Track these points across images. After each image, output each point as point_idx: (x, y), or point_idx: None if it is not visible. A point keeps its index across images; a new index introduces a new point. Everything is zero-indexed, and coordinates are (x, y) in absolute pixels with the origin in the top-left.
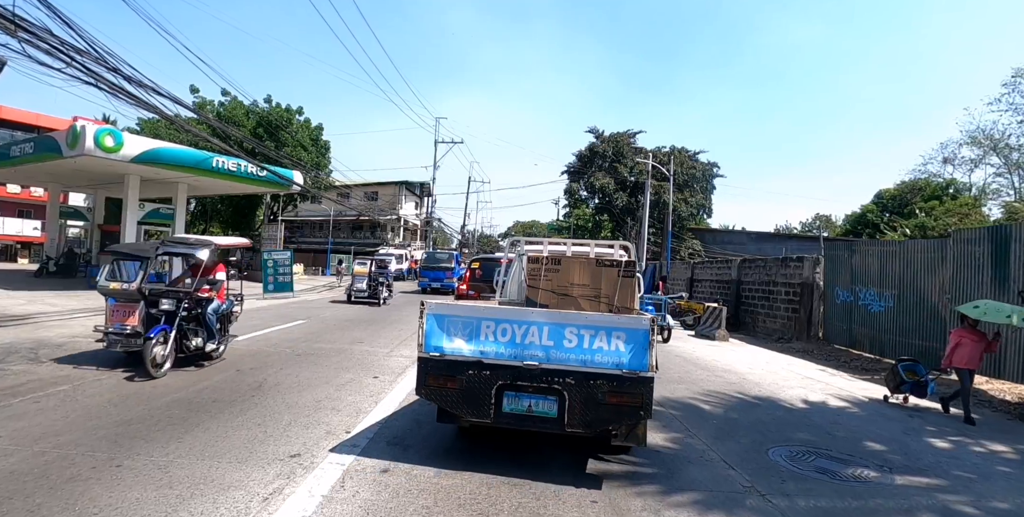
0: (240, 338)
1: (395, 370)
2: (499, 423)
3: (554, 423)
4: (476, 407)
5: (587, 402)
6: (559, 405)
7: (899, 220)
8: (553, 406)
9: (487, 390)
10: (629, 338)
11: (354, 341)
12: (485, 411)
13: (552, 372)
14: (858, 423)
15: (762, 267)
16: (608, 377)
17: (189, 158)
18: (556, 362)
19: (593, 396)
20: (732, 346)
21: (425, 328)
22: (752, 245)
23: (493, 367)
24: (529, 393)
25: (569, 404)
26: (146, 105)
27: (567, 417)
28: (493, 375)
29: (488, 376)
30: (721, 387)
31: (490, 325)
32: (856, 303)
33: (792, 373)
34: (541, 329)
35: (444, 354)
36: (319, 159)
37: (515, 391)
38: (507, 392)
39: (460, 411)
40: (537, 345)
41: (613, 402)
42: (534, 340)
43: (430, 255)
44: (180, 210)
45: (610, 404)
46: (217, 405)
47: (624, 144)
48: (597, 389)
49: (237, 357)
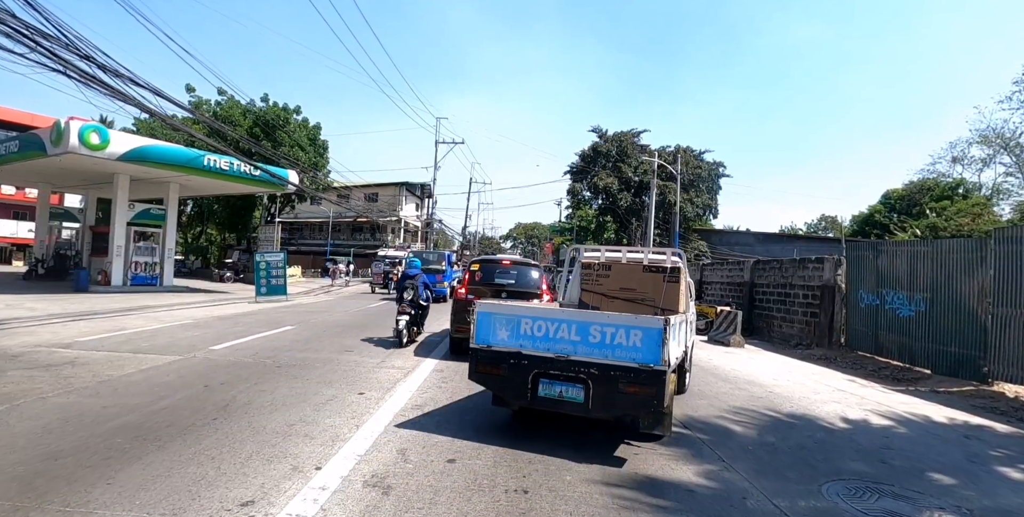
0: (218, 347)
1: (384, 384)
2: (535, 406)
3: (581, 408)
4: (516, 392)
5: (608, 390)
6: (585, 392)
7: (909, 221)
8: (580, 393)
9: (525, 377)
10: (645, 335)
11: (343, 350)
12: (523, 395)
13: (578, 363)
14: (912, 448)
15: (777, 269)
16: (626, 369)
17: (179, 156)
18: (582, 355)
19: (613, 385)
20: (749, 353)
21: (476, 324)
22: (759, 246)
23: (530, 357)
24: (560, 381)
25: (593, 392)
26: (123, 96)
27: (591, 403)
28: (530, 364)
29: (526, 365)
30: (748, 403)
31: (528, 322)
32: (882, 307)
33: (820, 385)
34: (570, 326)
35: (491, 346)
36: (317, 159)
37: (548, 379)
38: (542, 379)
39: (504, 394)
40: (566, 339)
41: (630, 391)
42: (564, 335)
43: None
44: (172, 211)
45: (628, 393)
46: (170, 431)
47: (628, 143)
48: (616, 379)
49: (209, 369)
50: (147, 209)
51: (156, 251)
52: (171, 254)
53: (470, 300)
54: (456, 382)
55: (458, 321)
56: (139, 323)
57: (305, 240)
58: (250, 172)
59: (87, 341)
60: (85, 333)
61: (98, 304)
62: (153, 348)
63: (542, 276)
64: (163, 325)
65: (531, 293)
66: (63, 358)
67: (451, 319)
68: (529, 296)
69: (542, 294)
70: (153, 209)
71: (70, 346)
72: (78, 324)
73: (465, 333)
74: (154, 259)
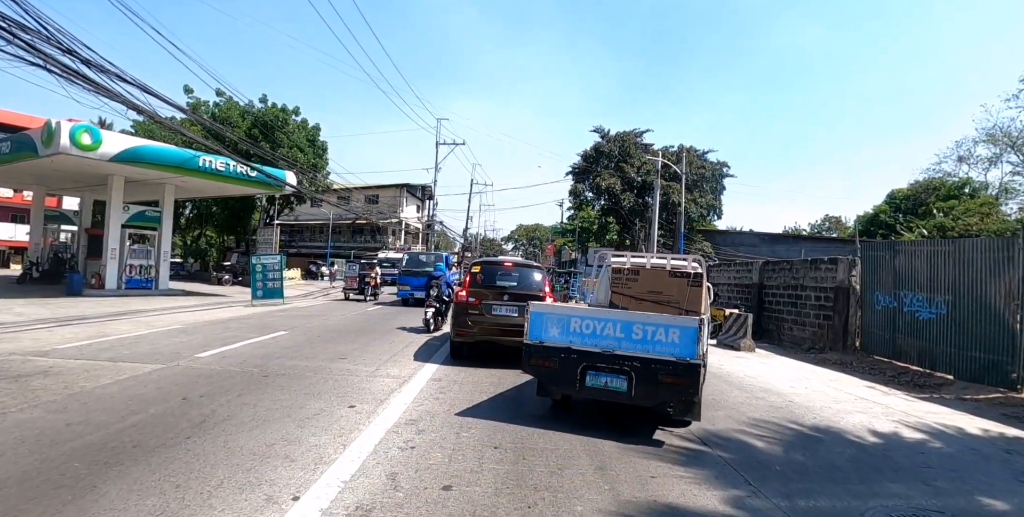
0: (204, 355)
1: (377, 396)
2: (583, 395)
3: (625, 396)
4: (566, 382)
5: (649, 381)
6: (628, 382)
7: (915, 221)
8: (623, 383)
9: (574, 369)
10: (682, 333)
11: (336, 357)
12: (572, 385)
13: (622, 357)
14: (952, 465)
15: (788, 270)
16: (665, 362)
17: (174, 157)
18: (626, 350)
19: (654, 376)
20: (761, 358)
21: (530, 323)
22: (764, 247)
23: (579, 352)
24: (605, 372)
25: (635, 382)
26: (109, 92)
27: (633, 392)
28: (579, 358)
29: (575, 359)
30: (768, 414)
31: (577, 321)
32: (900, 309)
33: (841, 392)
34: (615, 324)
35: (543, 341)
36: (316, 160)
37: (595, 370)
38: (589, 371)
39: (554, 384)
40: (611, 336)
41: (669, 382)
42: (609, 332)
43: (411, 257)
44: (168, 212)
45: (667, 383)
46: (136, 453)
47: (630, 143)
48: (656, 371)
49: (190, 379)
50: (142, 211)
51: (151, 254)
52: (167, 257)
53: (471, 302)
54: (454, 393)
55: (458, 324)
56: (126, 328)
57: (305, 242)
58: (247, 173)
59: (66, 348)
60: (68, 339)
61: (88, 308)
62: (134, 356)
63: (544, 278)
64: (150, 331)
65: (533, 295)
66: (36, 367)
67: (451, 322)
68: (531, 298)
69: (544, 296)
70: (148, 211)
71: (47, 354)
72: (63, 330)
73: (465, 336)
74: (149, 262)
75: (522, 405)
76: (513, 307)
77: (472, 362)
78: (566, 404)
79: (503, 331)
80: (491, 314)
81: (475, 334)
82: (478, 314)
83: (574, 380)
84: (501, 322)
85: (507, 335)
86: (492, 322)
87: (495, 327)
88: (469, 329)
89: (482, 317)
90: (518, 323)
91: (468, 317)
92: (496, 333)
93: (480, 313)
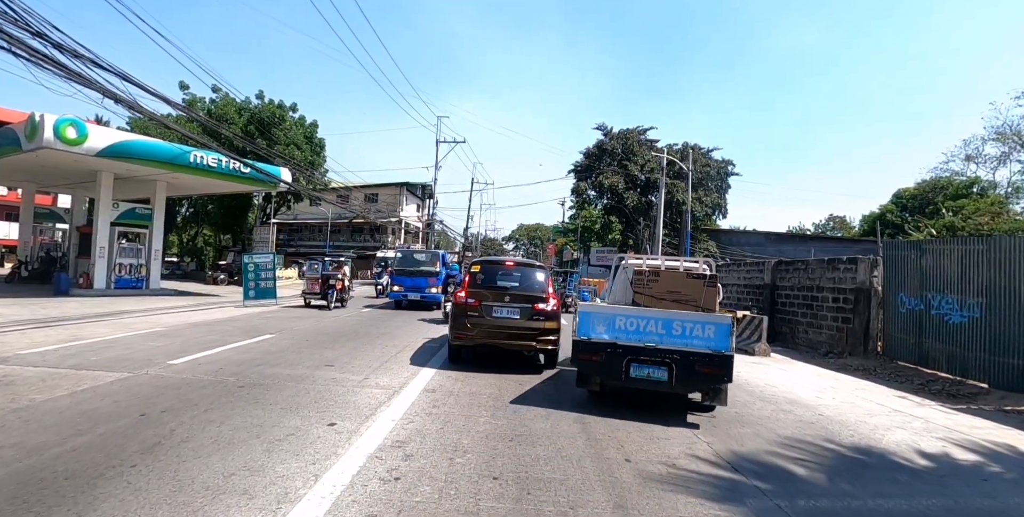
0: (178, 361)
1: (362, 411)
2: (628, 385)
3: (665, 384)
4: (612, 374)
5: (687, 371)
6: (668, 373)
7: (923, 220)
8: (664, 373)
9: (620, 362)
10: (717, 329)
11: (322, 364)
12: (618, 376)
13: (664, 351)
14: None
15: (803, 270)
16: (702, 355)
17: (163, 152)
18: (666, 344)
19: (692, 367)
20: (778, 363)
21: (579, 321)
22: (771, 246)
23: (624, 347)
24: (647, 364)
25: (676, 372)
26: (81, 79)
27: (674, 381)
28: (624, 352)
29: (620, 352)
30: (799, 431)
31: (622, 319)
32: (928, 312)
33: (872, 403)
34: (657, 322)
35: (591, 338)
36: (313, 157)
37: (639, 363)
38: (633, 363)
39: (601, 375)
40: (653, 333)
41: (705, 372)
42: (651, 329)
43: (405, 255)
44: (159, 210)
45: (703, 373)
46: (65, 487)
47: (634, 141)
48: (694, 362)
49: (156, 391)
50: (132, 208)
51: (142, 252)
52: (158, 256)
53: (470, 304)
54: (449, 406)
55: (457, 326)
56: (103, 331)
57: (304, 242)
58: (239, 169)
59: (29, 354)
60: (37, 343)
61: (73, 309)
62: (100, 363)
63: (548, 278)
64: (128, 334)
65: (536, 297)
66: None
67: (450, 324)
68: (533, 300)
69: (547, 298)
70: (139, 208)
71: (7, 360)
72: (38, 332)
73: (464, 339)
74: (140, 261)
75: (524, 422)
76: (514, 309)
77: (471, 366)
78: (601, 394)
79: (504, 334)
80: (491, 316)
81: (474, 337)
82: (478, 316)
83: (620, 372)
84: (502, 324)
85: (508, 338)
86: (492, 324)
87: (495, 330)
88: (468, 332)
89: (482, 319)
90: (520, 326)
91: (467, 319)
92: (496, 336)
93: (480, 315)
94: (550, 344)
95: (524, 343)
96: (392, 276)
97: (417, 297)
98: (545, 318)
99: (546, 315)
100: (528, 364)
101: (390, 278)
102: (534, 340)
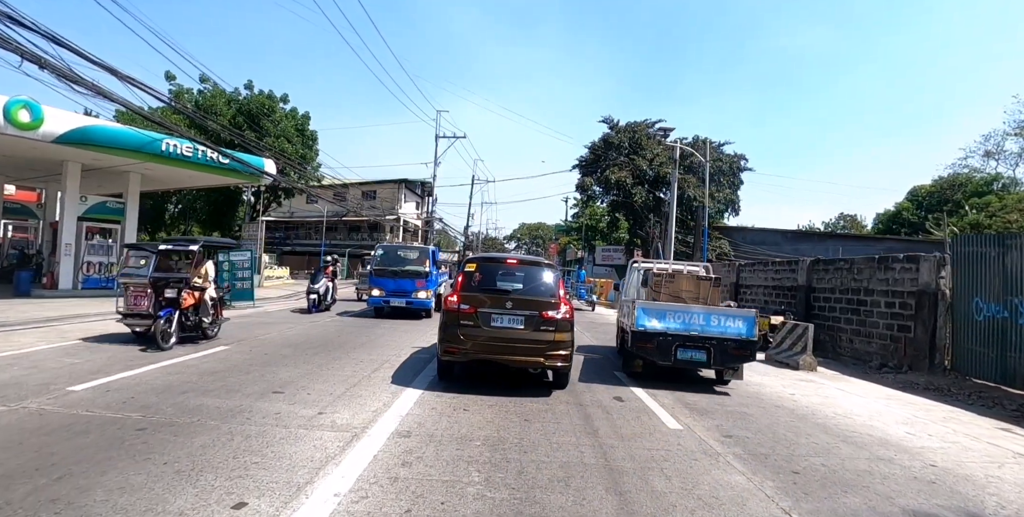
0: (81, 387)
1: (296, 476)
2: (676, 365)
3: (704, 364)
4: (663, 356)
5: (722, 353)
6: (707, 354)
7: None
8: (704, 355)
9: (669, 347)
10: (745, 321)
11: (270, 389)
12: (667, 358)
13: (704, 337)
14: None
15: (846, 270)
16: (733, 340)
17: (131, 140)
18: (706, 332)
19: (726, 350)
20: (831, 381)
21: (636, 315)
22: (787, 245)
23: (673, 335)
24: (691, 348)
25: (713, 354)
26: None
27: (712, 361)
28: (673, 339)
29: (670, 340)
30: (924, 498)
31: (671, 314)
32: (1015, 321)
33: (980, 442)
34: (699, 315)
35: (646, 329)
36: (305, 151)
37: (684, 347)
38: (679, 348)
39: (654, 358)
40: (696, 324)
41: (736, 353)
42: (695, 321)
43: (387, 251)
44: (132, 204)
45: (734, 354)
46: None
47: (642, 134)
48: (728, 346)
49: (18, 437)
50: (103, 202)
51: (113, 250)
52: None
53: (464, 311)
54: (427, 464)
55: (447, 338)
56: (25, 341)
57: (301, 240)
58: (218, 160)
59: None
60: None
61: (20, 313)
62: None
63: (558, 280)
64: (49, 346)
65: (544, 302)
66: None
67: (439, 335)
68: (541, 306)
69: (558, 303)
70: (110, 202)
71: None
72: None
73: (456, 354)
74: (111, 259)
75: (534, 493)
76: (518, 317)
77: (464, 386)
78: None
79: (505, 348)
80: (489, 326)
81: (468, 351)
82: (473, 325)
83: (670, 354)
84: (502, 336)
85: (510, 353)
86: (491, 336)
87: (495, 342)
88: (460, 345)
89: (478, 329)
90: (524, 338)
91: (460, 329)
92: (496, 350)
93: (475, 324)
94: (561, 360)
95: (530, 359)
96: (372, 277)
97: (402, 303)
98: (556, 328)
99: (557, 324)
100: (533, 382)
101: (369, 280)
102: (541, 355)
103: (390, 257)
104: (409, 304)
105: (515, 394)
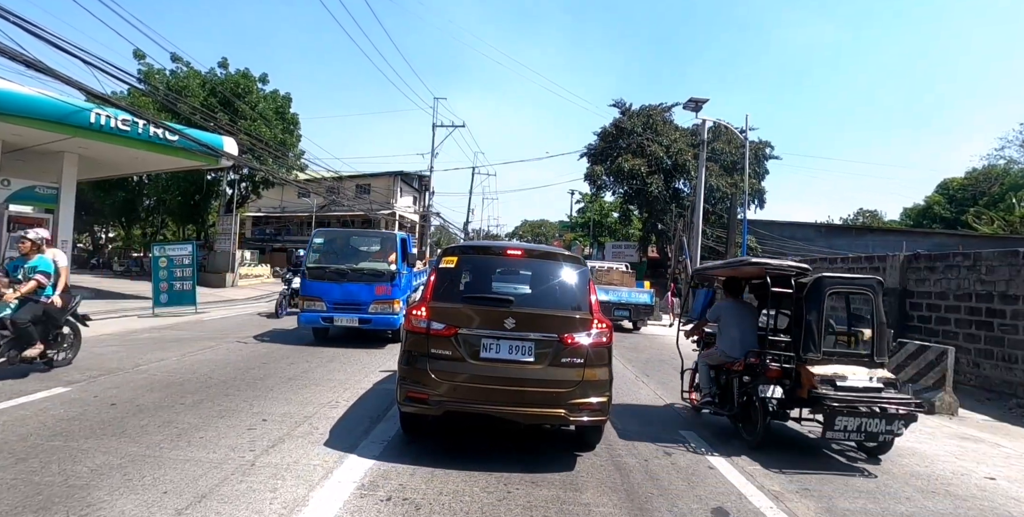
0: None
1: None
2: (613, 319)
3: (629, 318)
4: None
5: (637, 313)
6: (629, 313)
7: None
8: (627, 313)
9: (610, 310)
10: (648, 295)
11: (37, 502)
12: (608, 315)
13: (627, 303)
14: None
15: (967, 268)
16: (643, 305)
17: (51, 108)
18: (626, 301)
19: (639, 311)
20: (995, 437)
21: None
22: (822, 240)
23: (614, 303)
24: (621, 309)
25: (631, 314)
26: None
27: (631, 319)
28: (611, 305)
29: (611, 305)
30: None
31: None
32: None
33: None
34: (623, 291)
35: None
36: (285, 136)
37: (619, 309)
38: (616, 310)
39: None
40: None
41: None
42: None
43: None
44: (68, 190)
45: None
46: None
47: (658, 119)
48: (641, 309)
49: None
50: (30, 187)
51: None
52: (67, 247)
53: (437, 333)
54: None
55: (411, 377)
56: None
57: (292, 236)
58: (164, 137)
59: None
60: None
61: None
62: None
63: (588, 281)
64: None
65: (566, 318)
66: None
67: (399, 371)
68: (563, 325)
69: (591, 320)
70: (40, 187)
71: None
72: None
73: (424, 401)
74: None
75: None
76: (525, 343)
77: (437, 453)
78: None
79: (503, 393)
80: (479, 358)
81: (443, 399)
82: (451, 356)
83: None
84: (499, 375)
85: (511, 402)
86: (481, 374)
87: (486, 385)
88: (431, 388)
89: (460, 363)
90: (535, 378)
91: (430, 363)
92: (488, 397)
93: (455, 355)
94: (591, 411)
95: (543, 411)
96: (304, 281)
97: (353, 321)
98: (585, 361)
99: (587, 355)
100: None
101: (302, 285)
102: (562, 405)
103: (335, 249)
104: (364, 323)
105: (517, 465)
